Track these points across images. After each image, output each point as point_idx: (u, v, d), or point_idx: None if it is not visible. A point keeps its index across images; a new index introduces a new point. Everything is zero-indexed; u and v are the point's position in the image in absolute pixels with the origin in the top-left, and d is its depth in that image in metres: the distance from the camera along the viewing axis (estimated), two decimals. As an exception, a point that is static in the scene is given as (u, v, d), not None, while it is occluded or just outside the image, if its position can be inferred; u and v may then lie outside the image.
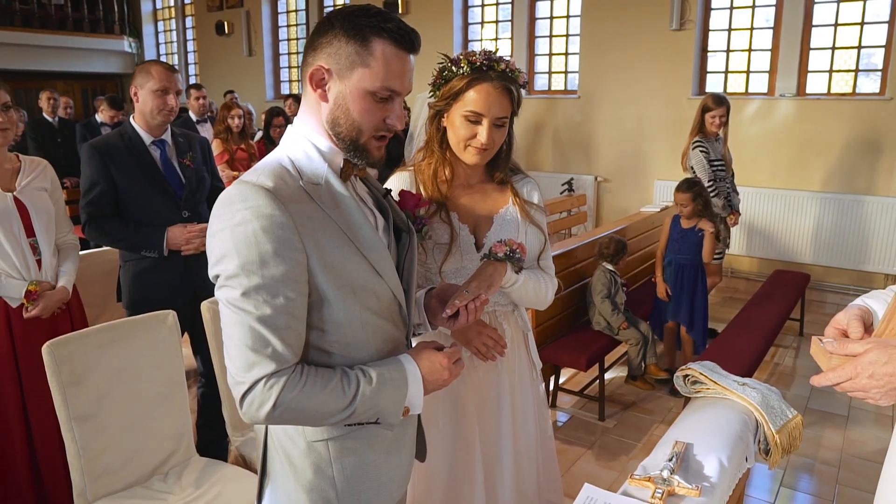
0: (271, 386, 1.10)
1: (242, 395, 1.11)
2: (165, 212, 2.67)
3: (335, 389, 1.15)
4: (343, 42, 1.16)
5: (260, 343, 1.10)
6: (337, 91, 1.18)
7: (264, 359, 1.10)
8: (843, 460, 3.31)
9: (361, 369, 1.19)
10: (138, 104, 2.65)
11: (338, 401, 1.15)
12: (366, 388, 1.17)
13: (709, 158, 4.48)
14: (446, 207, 1.74)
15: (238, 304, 1.10)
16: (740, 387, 1.63)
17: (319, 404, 1.14)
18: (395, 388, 1.20)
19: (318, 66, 1.17)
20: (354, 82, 1.17)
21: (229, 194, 1.12)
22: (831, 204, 6.00)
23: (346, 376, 1.17)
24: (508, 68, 1.66)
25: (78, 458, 1.95)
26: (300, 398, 1.12)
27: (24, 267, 2.38)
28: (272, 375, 1.11)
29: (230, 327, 1.12)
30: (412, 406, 1.24)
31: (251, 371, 1.10)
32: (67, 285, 2.50)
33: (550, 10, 7.66)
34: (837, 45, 6.02)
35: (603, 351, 3.66)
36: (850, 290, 6.01)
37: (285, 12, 10.42)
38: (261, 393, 1.10)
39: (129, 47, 12.13)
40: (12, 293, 2.34)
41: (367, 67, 1.16)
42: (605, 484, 3.11)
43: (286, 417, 1.14)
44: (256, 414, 1.12)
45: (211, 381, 2.86)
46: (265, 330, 1.10)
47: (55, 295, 2.44)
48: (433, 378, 1.25)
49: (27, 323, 2.38)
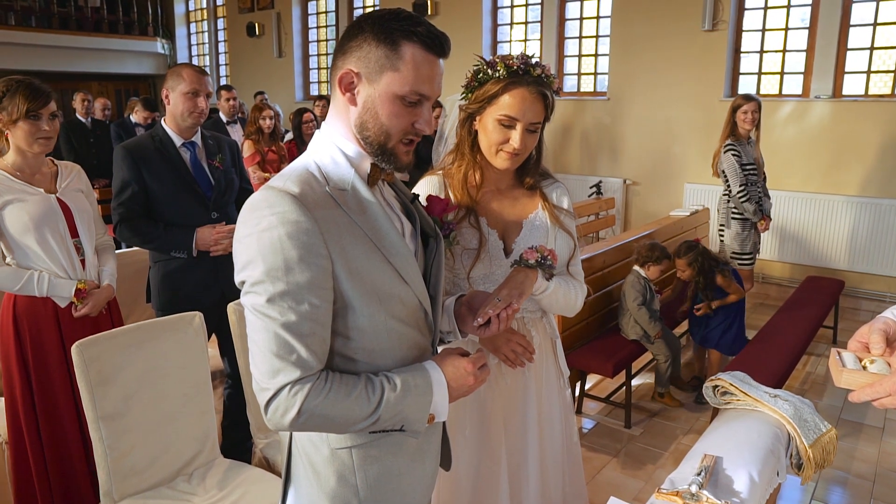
0: (296, 393, 1.10)
1: (267, 402, 1.11)
2: (195, 213, 2.71)
3: (360, 396, 1.14)
4: (373, 46, 1.15)
5: (285, 349, 1.09)
6: (366, 95, 1.17)
7: (289, 365, 1.10)
8: (879, 474, 3.21)
9: (386, 376, 1.18)
10: (169, 107, 2.69)
11: (362, 408, 1.14)
12: (390, 395, 1.15)
13: (741, 162, 4.38)
14: (475, 212, 1.72)
15: (263, 310, 1.10)
16: (772, 399, 1.58)
17: (344, 411, 1.13)
18: (419, 395, 1.18)
19: (347, 70, 1.17)
20: (384, 86, 1.16)
21: (255, 200, 1.12)
22: (868, 209, 5.84)
23: (370, 383, 1.16)
24: (544, 73, 1.65)
25: (105, 457, 1.97)
26: (325, 405, 1.11)
27: (70, 267, 2.43)
28: (297, 382, 1.10)
29: (255, 333, 1.12)
30: (437, 413, 1.22)
31: (276, 377, 1.10)
32: (112, 283, 2.56)
33: (580, 12, 7.59)
34: (876, 46, 5.87)
35: (630, 357, 3.61)
36: (887, 297, 5.84)
37: (315, 13, 10.50)
38: (285, 399, 1.10)
39: (161, 49, 12.34)
40: (63, 292, 2.39)
41: (396, 71, 1.15)
42: (630, 493, 3.08)
43: (310, 424, 1.13)
44: (281, 420, 1.11)
45: (237, 383, 2.88)
46: (290, 336, 1.09)
47: (102, 293, 2.50)
48: (458, 384, 1.23)
49: (74, 322, 2.43)
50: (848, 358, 1.18)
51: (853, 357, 1.18)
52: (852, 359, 1.18)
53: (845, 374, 1.14)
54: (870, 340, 1.18)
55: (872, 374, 1.12)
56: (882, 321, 1.22)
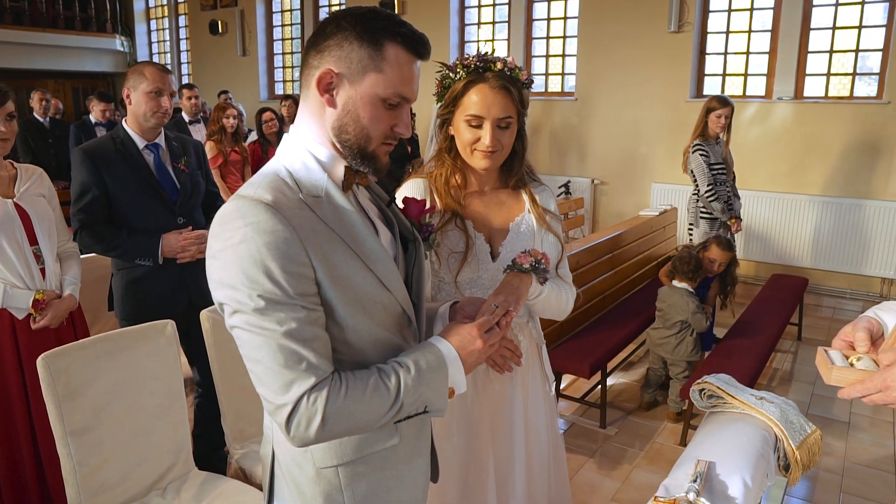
0: (315, 400, 1.04)
1: (287, 418, 1.05)
2: (160, 218, 2.61)
3: (377, 388, 1.09)
4: (355, 45, 1.10)
5: (293, 359, 1.04)
6: (346, 96, 1.12)
7: (301, 374, 1.04)
8: (847, 468, 3.28)
9: (397, 361, 1.14)
10: (131, 107, 2.58)
11: (384, 399, 1.09)
12: (407, 379, 1.11)
13: (709, 162, 4.45)
14: (461, 215, 1.69)
15: (260, 324, 1.04)
16: (758, 401, 1.59)
17: (366, 407, 1.08)
18: (434, 371, 1.14)
19: (327, 69, 1.11)
20: (366, 88, 1.12)
21: (226, 212, 1.07)
22: (830, 208, 5.99)
23: (382, 373, 1.12)
24: (507, 67, 1.62)
25: (73, 473, 1.88)
26: (346, 406, 1.06)
27: (28, 276, 2.32)
28: (313, 389, 1.05)
29: (255, 351, 1.05)
30: (456, 386, 1.18)
31: (290, 390, 1.04)
32: (74, 293, 2.45)
33: (548, 12, 7.62)
34: (835, 49, 6.01)
35: (606, 357, 3.62)
36: (847, 294, 6.01)
37: (280, 11, 10.34)
38: (306, 410, 1.04)
39: (121, 46, 12.01)
40: (19, 304, 2.28)
41: (380, 73, 1.11)
42: (607, 493, 3.09)
43: (337, 430, 1.08)
44: (306, 434, 1.05)
45: (207, 391, 2.81)
46: (294, 344, 1.04)
47: (63, 304, 2.38)
48: (468, 352, 1.18)
49: (33, 335, 2.32)
50: (835, 356, 1.21)
51: (840, 355, 1.21)
52: (840, 356, 1.21)
53: (835, 372, 1.17)
54: (854, 338, 1.21)
55: (862, 371, 1.15)
56: (866, 320, 1.26)
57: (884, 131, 5.71)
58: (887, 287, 5.91)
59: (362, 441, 1.19)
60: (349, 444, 1.18)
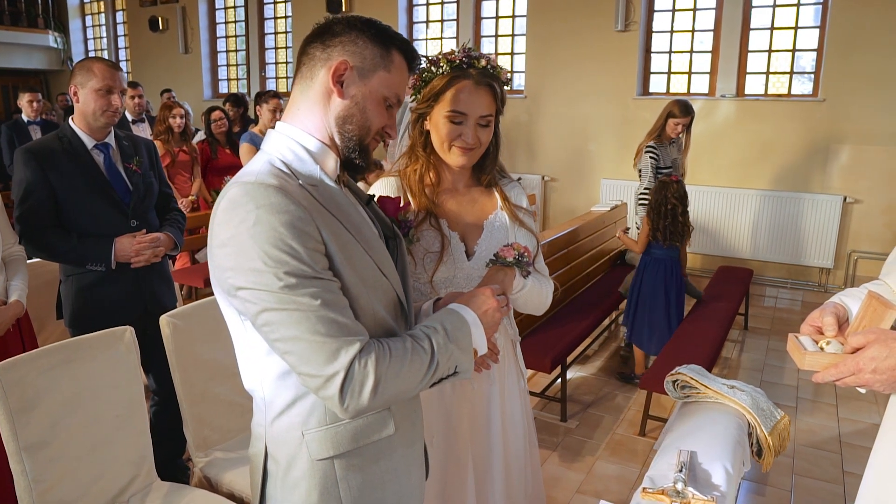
0: (365, 363, 1.05)
1: (341, 387, 1.04)
2: (112, 221, 2.50)
3: (416, 349, 1.11)
4: (368, 43, 1.18)
5: (334, 327, 1.04)
6: (356, 90, 1.18)
7: (345, 341, 1.05)
8: (797, 450, 3.41)
9: (425, 325, 1.17)
10: (79, 105, 2.47)
11: (423, 359, 1.12)
12: (438, 339, 1.14)
13: (657, 165, 4.58)
14: (435, 214, 1.67)
15: (293, 300, 1.03)
16: (730, 390, 1.63)
17: (410, 369, 1.10)
18: (459, 329, 1.18)
19: (342, 60, 1.16)
20: (375, 84, 1.19)
21: (234, 197, 1.06)
22: (769, 201, 6.22)
23: (413, 336, 1.14)
24: (490, 65, 1.62)
25: (29, 491, 1.78)
26: (393, 367, 1.08)
27: None
28: (361, 353, 1.05)
29: (293, 328, 1.04)
30: (478, 346, 1.22)
31: (338, 358, 1.04)
32: (22, 299, 2.32)
33: (496, 10, 7.66)
34: (773, 48, 6.24)
35: (567, 351, 3.66)
36: (788, 283, 6.24)
37: (223, 8, 10.08)
38: (359, 374, 1.04)
39: (54, 42, 11.50)
40: None
41: (387, 72, 1.19)
42: (572, 486, 3.12)
43: (387, 394, 1.08)
44: (360, 400, 1.05)
45: (164, 399, 2.71)
46: (333, 313, 1.05)
47: (9, 310, 2.26)
48: (483, 310, 1.24)
49: None
50: (806, 341, 1.26)
51: (811, 340, 1.26)
52: (810, 342, 1.26)
53: (808, 357, 1.21)
54: (823, 323, 1.26)
55: (834, 355, 1.20)
56: (832, 305, 1.31)
57: (819, 127, 5.96)
58: (825, 276, 6.17)
59: (359, 431, 1.19)
60: (346, 433, 1.18)
